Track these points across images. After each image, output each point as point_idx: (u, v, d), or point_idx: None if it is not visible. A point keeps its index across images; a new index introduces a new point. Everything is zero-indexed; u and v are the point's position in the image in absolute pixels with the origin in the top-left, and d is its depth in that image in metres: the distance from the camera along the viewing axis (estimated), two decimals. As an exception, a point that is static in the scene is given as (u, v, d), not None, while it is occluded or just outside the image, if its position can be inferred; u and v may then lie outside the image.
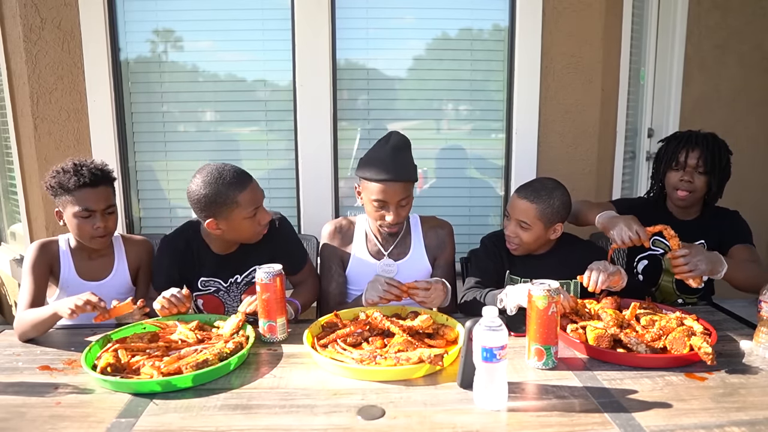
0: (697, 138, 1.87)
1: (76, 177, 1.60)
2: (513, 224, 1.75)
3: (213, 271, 1.74)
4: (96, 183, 1.62)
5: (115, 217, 1.69)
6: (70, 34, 2.39)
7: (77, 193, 1.60)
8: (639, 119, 3.04)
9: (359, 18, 2.49)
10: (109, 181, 1.68)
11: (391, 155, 1.70)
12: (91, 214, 1.62)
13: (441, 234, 1.89)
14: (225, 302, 1.79)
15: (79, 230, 1.64)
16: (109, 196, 1.67)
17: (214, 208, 1.57)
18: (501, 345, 1.08)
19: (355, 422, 1.06)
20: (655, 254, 1.98)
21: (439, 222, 1.93)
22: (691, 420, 1.05)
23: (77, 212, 1.61)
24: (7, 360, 1.36)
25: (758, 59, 3.12)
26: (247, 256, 1.75)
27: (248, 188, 1.60)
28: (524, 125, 2.54)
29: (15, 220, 3.06)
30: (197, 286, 1.74)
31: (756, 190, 3.12)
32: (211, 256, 1.73)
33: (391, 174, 1.67)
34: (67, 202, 1.62)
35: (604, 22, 2.48)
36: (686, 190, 1.86)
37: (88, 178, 1.60)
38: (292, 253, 1.82)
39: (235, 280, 1.77)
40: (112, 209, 1.67)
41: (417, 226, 1.90)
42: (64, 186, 1.61)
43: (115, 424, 1.05)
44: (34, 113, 2.43)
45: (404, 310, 1.56)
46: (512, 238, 1.76)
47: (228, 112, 2.58)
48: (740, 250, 1.82)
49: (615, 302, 1.56)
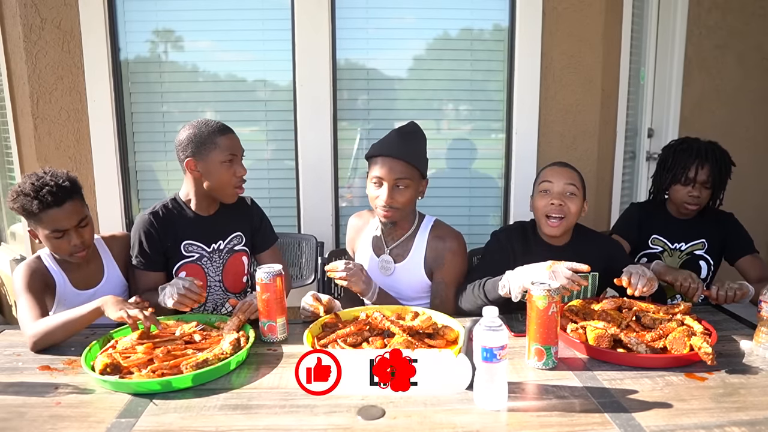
0: (706, 153, 1.90)
1: (38, 201, 1.48)
2: (558, 193, 1.66)
3: (194, 233, 1.75)
4: (60, 201, 1.50)
5: (90, 228, 1.60)
6: (70, 34, 2.39)
7: (44, 216, 1.50)
8: (639, 119, 3.04)
9: (359, 18, 2.49)
10: (74, 193, 1.56)
11: (396, 135, 1.73)
12: (64, 233, 1.53)
13: (441, 248, 1.74)
14: (207, 272, 1.78)
15: (57, 250, 1.57)
16: (78, 209, 1.55)
17: (194, 147, 1.66)
18: (501, 345, 1.08)
19: (355, 422, 1.06)
20: (655, 252, 2.00)
21: (446, 233, 1.76)
22: (691, 420, 1.05)
23: (48, 234, 1.52)
24: (7, 360, 1.36)
25: (758, 59, 3.12)
26: (228, 219, 1.80)
27: (228, 135, 1.70)
28: (524, 125, 2.54)
29: (15, 220, 3.06)
30: (181, 251, 1.74)
31: (755, 190, 3.12)
32: (191, 216, 1.76)
33: (390, 150, 1.68)
34: (36, 224, 1.53)
35: (604, 22, 2.48)
36: (695, 204, 1.92)
37: (51, 199, 1.49)
38: (266, 227, 1.91)
39: (218, 247, 1.78)
40: (84, 221, 1.57)
41: (426, 230, 1.78)
42: (27, 210, 1.50)
43: (115, 424, 1.05)
44: (34, 113, 2.43)
45: (404, 310, 1.56)
46: (560, 208, 1.65)
47: (228, 112, 2.58)
48: (752, 264, 1.92)
49: (616, 303, 1.56)
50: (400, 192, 1.68)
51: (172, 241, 1.73)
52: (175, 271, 1.74)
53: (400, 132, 1.73)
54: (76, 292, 1.64)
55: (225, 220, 1.80)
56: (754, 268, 1.91)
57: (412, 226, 1.79)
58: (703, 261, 1.99)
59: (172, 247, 1.74)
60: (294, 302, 1.82)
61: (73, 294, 1.64)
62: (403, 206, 1.70)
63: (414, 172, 1.68)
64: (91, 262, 1.69)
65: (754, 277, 1.87)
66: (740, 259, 1.94)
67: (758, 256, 1.94)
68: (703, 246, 1.98)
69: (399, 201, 1.68)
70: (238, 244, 1.83)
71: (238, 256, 1.84)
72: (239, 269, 1.85)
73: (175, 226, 1.74)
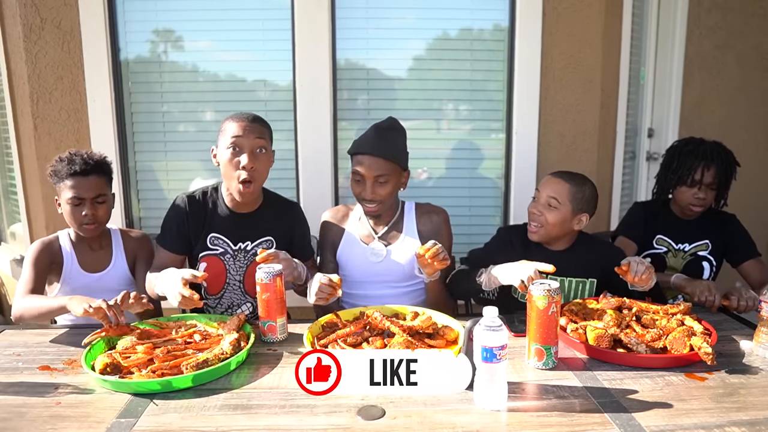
0: (712, 155, 1.90)
1: (69, 165, 1.67)
2: (540, 203, 1.71)
3: (224, 227, 1.73)
4: (87, 172, 1.68)
5: (106, 207, 1.73)
6: (70, 34, 2.39)
7: (69, 181, 1.67)
8: (639, 119, 3.04)
9: (359, 18, 2.49)
10: (101, 171, 1.73)
11: (374, 132, 1.77)
12: (81, 201, 1.68)
13: (436, 220, 1.87)
14: (228, 270, 1.75)
15: (70, 216, 1.70)
16: (100, 185, 1.71)
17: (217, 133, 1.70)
18: (501, 345, 1.08)
19: (355, 422, 1.06)
20: (659, 252, 2.00)
21: (434, 208, 1.91)
22: (691, 420, 1.05)
23: (68, 199, 1.68)
24: (7, 360, 1.36)
25: (758, 59, 3.12)
26: (262, 221, 1.76)
27: (239, 121, 1.66)
28: (524, 125, 2.54)
29: (15, 220, 3.06)
30: (206, 243, 1.73)
31: (756, 191, 3.11)
32: (225, 210, 1.74)
33: (367, 147, 1.74)
34: (61, 188, 1.70)
35: (604, 22, 2.48)
36: (700, 205, 1.92)
37: (79, 166, 1.67)
38: (305, 239, 1.87)
39: (245, 247, 1.75)
40: (102, 198, 1.71)
41: (411, 212, 1.89)
42: (58, 173, 1.69)
43: (115, 424, 1.05)
44: (34, 113, 2.43)
45: (404, 310, 1.56)
46: (537, 216, 1.71)
47: (228, 112, 2.54)
48: (755, 267, 1.94)
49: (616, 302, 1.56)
50: (381, 186, 1.75)
51: (199, 229, 1.72)
52: (198, 260, 1.74)
53: (377, 129, 1.78)
54: (82, 273, 1.75)
55: (259, 221, 1.76)
56: (758, 271, 1.93)
57: (396, 212, 1.88)
58: (705, 262, 1.99)
59: (198, 236, 1.72)
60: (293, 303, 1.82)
61: (79, 274, 1.75)
62: (384, 199, 1.78)
63: (393, 167, 1.75)
64: (103, 248, 1.80)
65: (757, 280, 1.88)
66: (744, 263, 1.95)
67: (761, 259, 1.95)
68: (707, 247, 1.98)
69: (380, 194, 1.76)
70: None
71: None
72: None
73: (206, 215, 1.73)
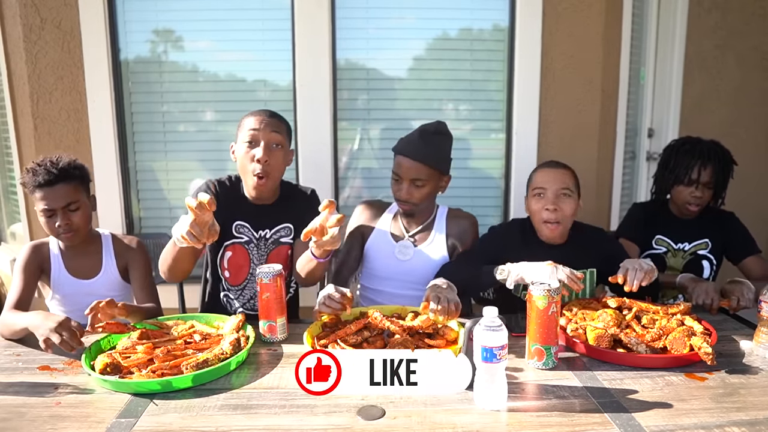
0: (708, 153, 1.90)
1: (33, 177, 1.59)
2: (550, 198, 1.63)
3: (247, 216, 1.74)
4: (52, 182, 1.59)
5: (81, 214, 1.65)
6: (70, 34, 2.39)
7: (37, 193, 1.60)
8: (639, 119, 3.04)
9: (359, 18, 2.49)
10: (70, 177, 1.63)
11: (417, 135, 1.77)
12: (53, 212, 1.61)
13: (464, 224, 1.89)
14: (252, 258, 1.76)
15: (46, 227, 1.64)
16: (70, 193, 1.62)
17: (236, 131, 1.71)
18: (501, 345, 1.08)
19: (355, 422, 1.06)
20: (658, 253, 2.00)
21: (464, 213, 1.94)
22: (691, 420, 1.05)
23: (40, 211, 1.62)
24: (7, 360, 1.36)
25: (758, 59, 3.12)
26: (280, 209, 1.77)
27: (257, 116, 1.67)
28: (524, 125, 2.54)
29: (15, 220, 3.06)
30: (231, 230, 1.73)
31: (756, 190, 3.11)
32: (247, 201, 1.75)
33: (408, 150, 1.75)
34: (35, 200, 1.63)
35: (604, 23, 2.48)
36: (697, 204, 1.93)
37: (43, 177, 1.58)
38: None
39: (265, 235, 1.75)
40: (75, 206, 1.63)
41: (443, 216, 1.91)
42: (27, 185, 1.62)
43: (115, 424, 1.05)
44: (34, 113, 2.43)
45: (404, 310, 1.56)
46: (554, 212, 1.62)
47: (228, 112, 2.58)
48: (756, 264, 1.94)
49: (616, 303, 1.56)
50: (417, 189, 1.77)
51: (228, 213, 1.69)
52: (223, 250, 1.75)
53: (422, 132, 1.78)
54: (72, 280, 1.71)
55: (277, 212, 1.76)
56: (759, 267, 1.93)
57: (431, 215, 1.91)
58: (705, 261, 1.99)
59: (225, 221, 1.68)
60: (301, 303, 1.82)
61: (69, 281, 1.70)
62: (419, 201, 1.80)
63: (432, 172, 1.76)
64: (91, 254, 1.73)
65: (757, 276, 1.88)
66: (744, 260, 1.95)
67: (761, 256, 1.95)
68: (706, 246, 1.98)
69: (416, 197, 1.78)
70: (285, 236, 1.78)
71: (284, 249, 1.78)
72: (283, 263, 1.73)
73: (235, 200, 1.74)
